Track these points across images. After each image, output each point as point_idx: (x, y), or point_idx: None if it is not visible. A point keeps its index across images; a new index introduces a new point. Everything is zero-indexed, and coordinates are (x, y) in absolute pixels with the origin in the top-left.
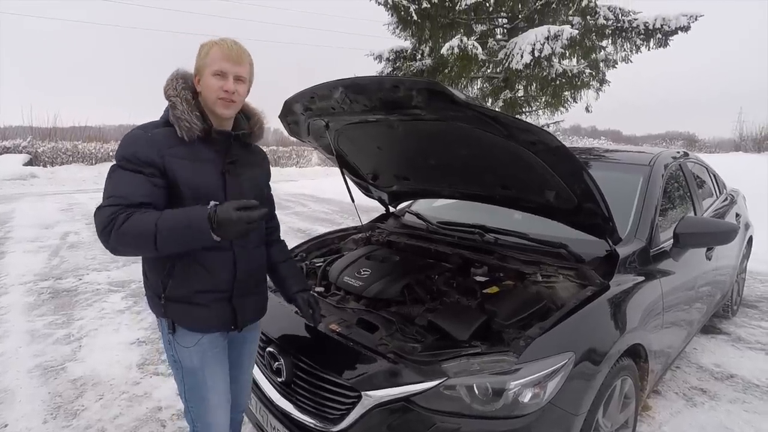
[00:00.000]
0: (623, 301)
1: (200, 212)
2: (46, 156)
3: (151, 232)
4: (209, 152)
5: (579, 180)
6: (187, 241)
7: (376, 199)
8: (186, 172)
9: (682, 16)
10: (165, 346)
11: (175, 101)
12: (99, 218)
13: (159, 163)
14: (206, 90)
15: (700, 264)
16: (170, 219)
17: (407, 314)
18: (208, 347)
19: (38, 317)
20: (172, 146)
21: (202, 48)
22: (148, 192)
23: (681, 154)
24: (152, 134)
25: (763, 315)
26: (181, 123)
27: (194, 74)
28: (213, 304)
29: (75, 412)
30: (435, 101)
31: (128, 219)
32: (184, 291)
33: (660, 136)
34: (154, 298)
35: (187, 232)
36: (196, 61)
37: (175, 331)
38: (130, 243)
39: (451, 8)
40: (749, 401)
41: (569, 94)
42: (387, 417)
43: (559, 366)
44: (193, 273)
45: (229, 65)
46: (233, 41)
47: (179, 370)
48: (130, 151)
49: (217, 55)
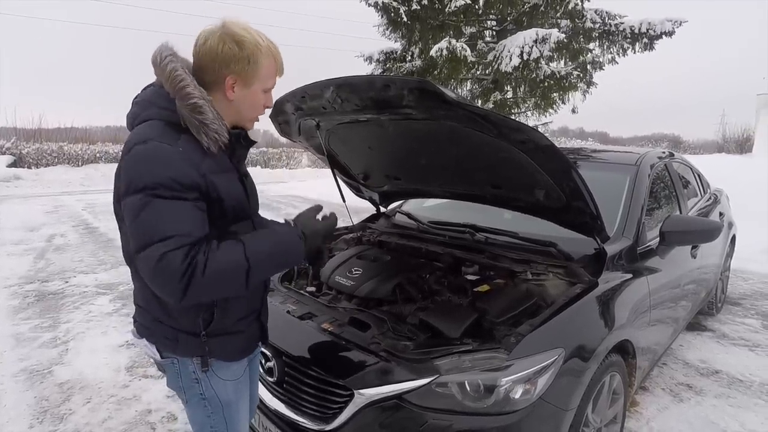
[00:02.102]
0: (611, 298)
1: (290, 233)
2: (31, 157)
3: (244, 268)
4: (226, 159)
5: (568, 178)
6: (279, 267)
7: (367, 199)
8: (224, 188)
9: (666, 21)
10: (186, 386)
11: (203, 104)
12: (168, 269)
13: (202, 184)
14: (246, 104)
15: (686, 262)
16: (261, 248)
17: (399, 313)
18: (241, 374)
19: (23, 321)
20: (203, 159)
21: (246, 48)
22: (201, 221)
23: (666, 155)
24: (182, 147)
25: (747, 312)
26: (209, 132)
27: (223, 75)
28: (249, 327)
29: (62, 416)
30: (426, 100)
31: (209, 260)
32: (228, 322)
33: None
34: (186, 338)
35: (282, 257)
36: (230, 59)
37: (209, 367)
38: (220, 288)
39: (440, 10)
40: (734, 396)
41: (557, 95)
42: (379, 415)
43: (550, 362)
44: (234, 301)
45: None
46: (278, 49)
47: (211, 406)
48: (165, 174)
49: (272, 70)
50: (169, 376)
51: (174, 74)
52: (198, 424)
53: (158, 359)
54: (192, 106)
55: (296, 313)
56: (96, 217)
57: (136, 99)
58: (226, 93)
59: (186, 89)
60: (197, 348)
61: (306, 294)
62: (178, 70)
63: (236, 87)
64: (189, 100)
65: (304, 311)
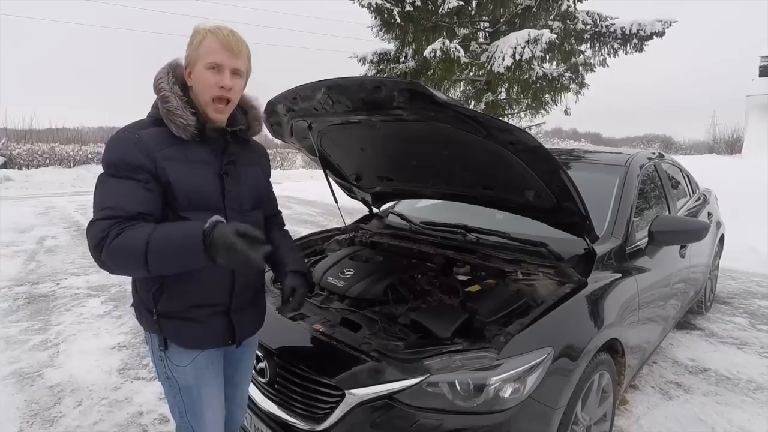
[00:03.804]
0: (600, 297)
1: (195, 229)
2: (22, 158)
3: (142, 250)
4: (204, 152)
5: (557, 179)
6: (179, 262)
7: (360, 200)
8: (178, 174)
9: (657, 21)
10: (155, 362)
11: (168, 95)
12: (91, 233)
13: (150, 166)
14: (199, 84)
15: (675, 261)
16: (163, 235)
17: (390, 313)
18: (203, 364)
19: (13, 323)
20: (163, 147)
21: (194, 35)
22: (144, 200)
23: (656, 156)
24: (140, 136)
25: (735, 311)
26: (176, 119)
27: (185, 65)
28: (209, 320)
29: (52, 419)
30: (416, 101)
31: (120, 234)
32: (178, 306)
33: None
34: (145, 313)
35: (179, 252)
36: (186, 50)
37: (168, 348)
38: (121, 262)
39: (433, 11)
40: (722, 393)
41: (550, 96)
42: (370, 414)
43: (539, 361)
44: (187, 286)
45: (225, 57)
46: (230, 30)
47: (173, 388)
48: (117, 156)
49: (213, 46)
50: (149, 349)
51: (158, 76)
52: (169, 402)
53: None
54: (162, 98)
55: (288, 313)
56: (88, 218)
57: None
58: (188, 82)
59: (159, 84)
60: (151, 324)
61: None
62: (160, 73)
63: (191, 73)
64: (160, 92)
65: (296, 312)
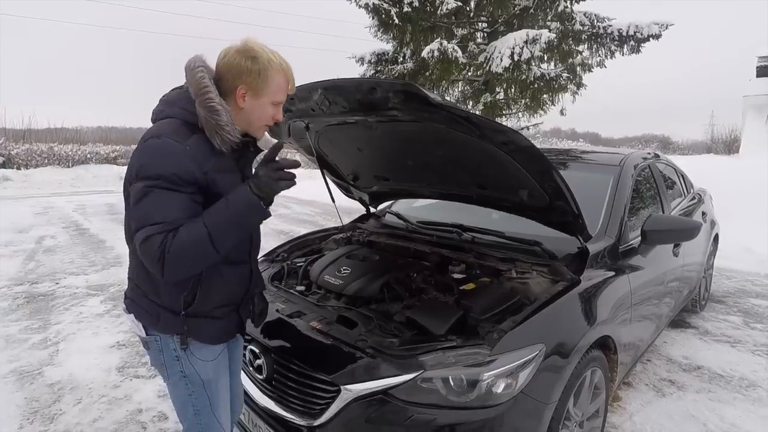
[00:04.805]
0: (593, 295)
1: (241, 192)
2: (20, 158)
3: (205, 238)
4: (230, 161)
5: (549, 179)
6: (244, 225)
7: (357, 200)
8: (227, 186)
9: (653, 24)
10: (167, 364)
11: (219, 108)
12: (150, 249)
13: (202, 180)
14: (255, 114)
15: (668, 260)
16: (215, 215)
17: (386, 311)
18: (222, 358)
19: (12, 322)
20: (208, 158)
21: (258, 63)
22: (192, 212)
23: (651, 156)
24: (189, 146)
25: (729, 309)
26: (224, 134)
27: (236, 85)
28: (227, 317)
29: (52, 417)
30: (411, 102)
31: (174, 238)
32: (207, 307)
33: (636, 139)
34: (167, 315)
35: (241, 216)
36: (242, 72)
37: (188, 346)
38: (186, 259)
39: (432, 12)
40: (714, 391)
41: (548, 97)
42: (365, 410)
43: (531, 357)
44: (216, 288)
45: (285, 96)
46: (287, 63)
47: (189, 386)
48: (170, 169)
49: (283, 86)
50: (153, 353)
51: (201, 81)
52: (180, 403)
53: (143, 336)
54: (210, 108)
55: (285, 311)
56: (87, 218)
57: (164, 98)
58: (237, 101)
59: (208, 94)
60: (176, 326)
61: (295, 293)
62: (205, 79)
63: (246, 97)
64: (209, 103)
65: (293, 310)
